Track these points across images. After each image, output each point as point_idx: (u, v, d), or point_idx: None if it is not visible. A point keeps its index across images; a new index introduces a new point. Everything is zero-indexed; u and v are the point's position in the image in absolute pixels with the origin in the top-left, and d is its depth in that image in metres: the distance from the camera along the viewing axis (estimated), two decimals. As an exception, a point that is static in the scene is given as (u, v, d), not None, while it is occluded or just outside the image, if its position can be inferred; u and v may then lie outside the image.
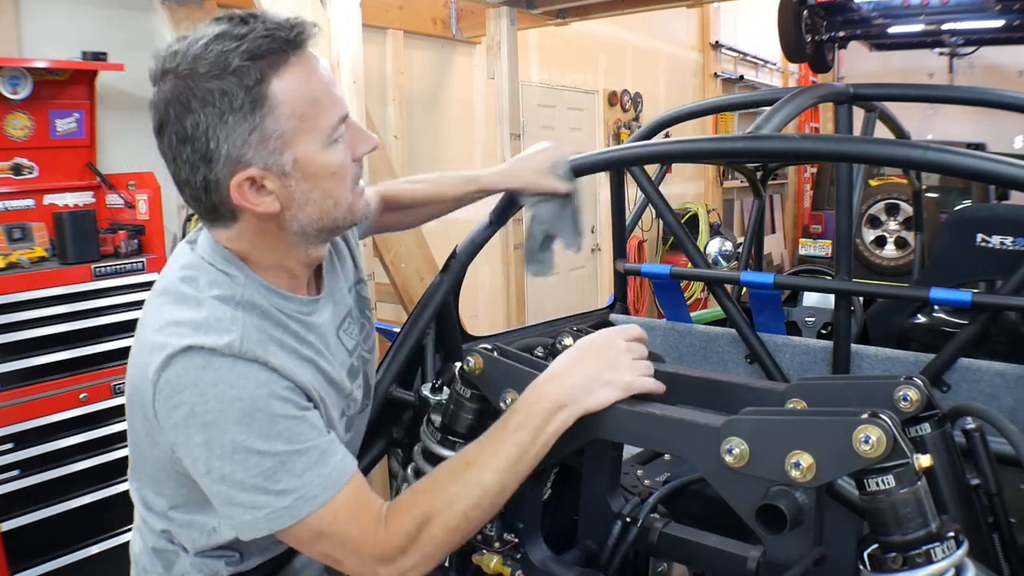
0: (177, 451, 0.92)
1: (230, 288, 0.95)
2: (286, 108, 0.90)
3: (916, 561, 0.77)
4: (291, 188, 0.93)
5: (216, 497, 0.92)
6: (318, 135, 0.93)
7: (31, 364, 2.54)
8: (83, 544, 2.66)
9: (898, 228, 6.77)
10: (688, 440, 0.90)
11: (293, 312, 1.01)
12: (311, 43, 0.94)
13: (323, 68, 0.96)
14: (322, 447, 0.93)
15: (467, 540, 0.98)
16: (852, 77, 9.72)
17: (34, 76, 2.70)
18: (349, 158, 0.98)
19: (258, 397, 0.89)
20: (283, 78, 0.89)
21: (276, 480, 0.89)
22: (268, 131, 0.89)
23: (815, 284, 2.28)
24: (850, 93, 1.74)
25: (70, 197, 2.92)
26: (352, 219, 1.02)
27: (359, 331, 1.17)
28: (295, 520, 0.90)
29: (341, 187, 0.97)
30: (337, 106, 0.95)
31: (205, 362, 0.88)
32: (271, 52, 0.88)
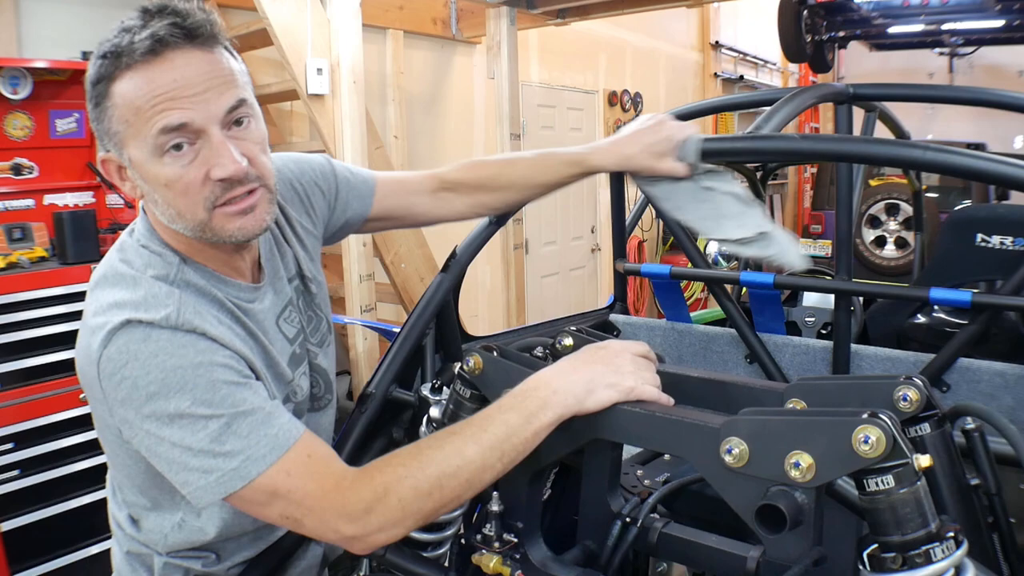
0: (129, 428, 0.93)
1: (164, 268, 0.97)
2: (117, 110, 0.92)
3: (916, 561, 0.77)
4: (139, 183, 0.96)
5: (170, 468, 0.92)
6: (142, 143, 0.91)
7: (31, 364, 2.54)
8: (83, 544, 2.66)
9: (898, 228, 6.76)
10: (688, 440, 0.90)
11: (231, 296, 1.02)
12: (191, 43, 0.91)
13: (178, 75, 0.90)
14: (268, 409, 0.93)
15: (440, 513, 0.95)
16: (852, 77, 9.73)
17: (34, 76, 2.71)
18: (199, 175, 0.92)
19: (199, 363, 0.90)
20: (125, 79, 0.90)
21: (222, 442, 0.89)
22: (106, 127, 0.94)
23: (815, 284, 2.27)
24: (850, 93, 1.74)
25: (70, 197, 2.93)
26: (217, 237, 0.97)
27: (305, 322, 1.16)
28: (245, 481, 0.89)
29: (180, 201, 0.94)
30: (159, 116, 0.89)
31: (144, 335, 0.90)
32: (124, 53, 0.89)
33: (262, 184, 0.98)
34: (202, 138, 0.92)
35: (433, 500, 0.92)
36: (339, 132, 3.21)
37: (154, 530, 1.07)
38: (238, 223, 0.97)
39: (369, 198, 1.31)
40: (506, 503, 1.06)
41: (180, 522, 1.06)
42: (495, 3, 4.18)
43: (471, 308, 5.05)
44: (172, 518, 1.06)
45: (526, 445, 0.94)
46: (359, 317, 3.35)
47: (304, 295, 1.18)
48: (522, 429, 0.93)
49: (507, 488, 1.07)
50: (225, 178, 0.93)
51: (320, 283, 1.22)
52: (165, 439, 0.90)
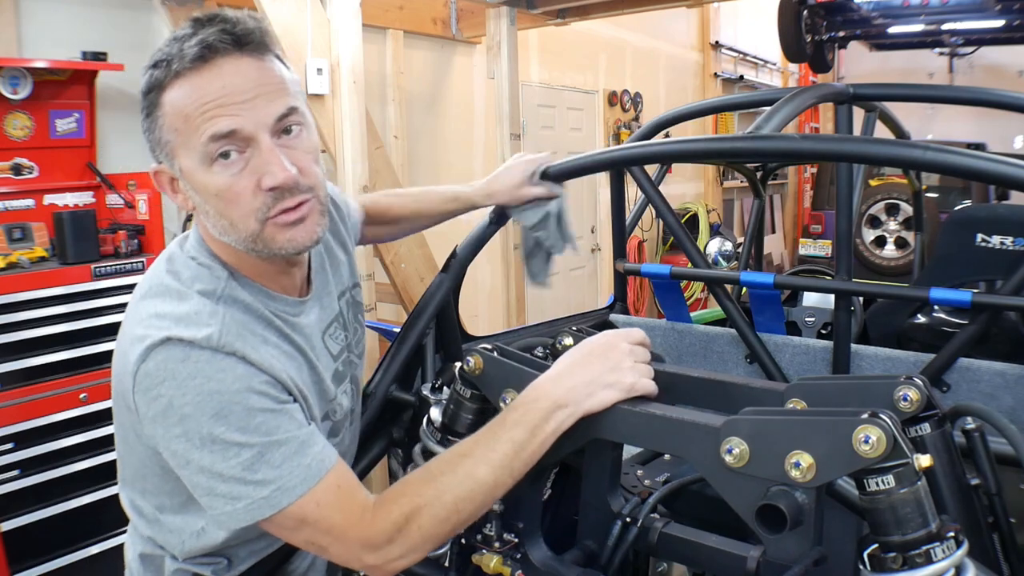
0: (158, 444, 0.93)
1: (212, 282, 0.96)
2: (167, 119, 0.91)
3: (916, 561, 0.77)
4: (190, 194, 0.96)
5: (196, 488, 0.92)
6: (192, 152, 0.91)
7: (31, 364, 2.54)
8: (83, 544, 2.66)
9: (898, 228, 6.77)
10: (688, 440, 0.90)
11: (278, 311, 1.01)
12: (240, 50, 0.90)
13: (226, 82, 0.89)
14: (301, 438, 0.93)
15: (456, 533, 0.97)
16: (852, 77, 9.73)
17: (34, 76, 2.71)
18: (249, 184, 0.91)
19: (236, 391, 0.89)
20: (175, 88, 0.90)
21: (255, 471, 0.89)
22: (157, 137, 0.93)
23: (815, 284, 2.27)
24: (850, 93, 1.74)
25: (70, 197, 2.93)
26: (268, 250, 0.95)
27: (347, 336, 1.16)
28: (274, 510, 0.90)
29: (231, 211, 0.92)
30: (208, 125, 0.88)
31: (184, 355, 0.89)
32: (174, 60, 0.89)
33: (313, 195, 0.96)
34: (252, 146, 0.91)
35: (451, 524, 0.94)
36: (339, 132, 3.21)
37: (173, 532, 1.06)
38: (288, 234, 0.95)
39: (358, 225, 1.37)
40: (506, 503, 1.06)
41: (201, 530, 1.05)
42: (495, 3, 4.18)
43: (471, 308, 5.05)
44: (195, 526, 1.04)
45: (534, 457, 0.95)
46: (359, 317, 3.35)
47: (353, 307, 1.19)
48: (529, 443, 0.94)
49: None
50: (275, 187, 0.91)
51: (362, 290, 1.26)
52: (194, 462, 0.90)
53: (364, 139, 3.27)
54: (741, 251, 2.82)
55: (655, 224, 7.07)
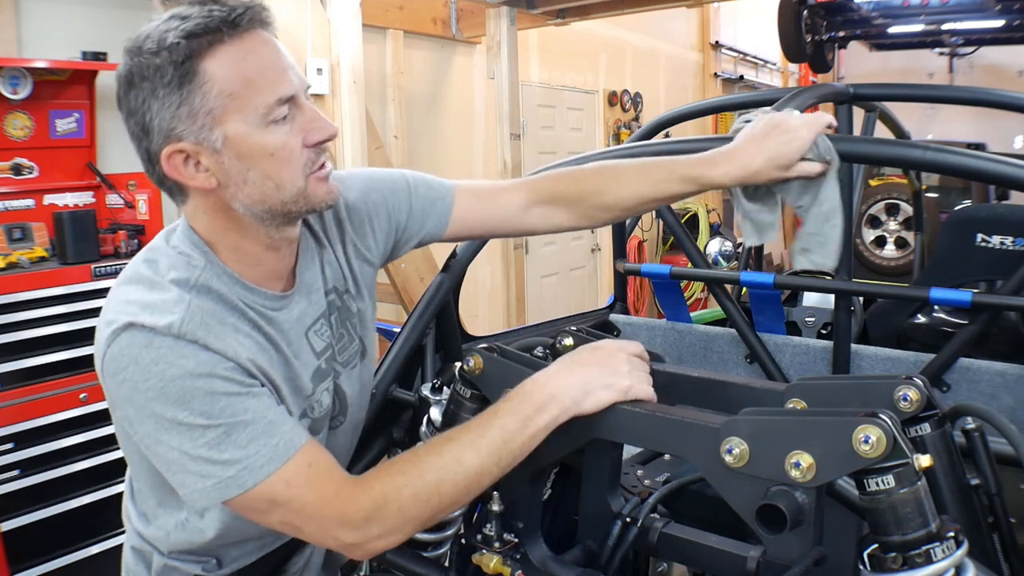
0: (130, 425, 0.93)
1: (187, 271, 0.97)
2: (215, 86, 0.91)
3: (916, 561, 0.77)
4: (225, 166, 0.94)
5: (170, 467, 0.92)
6: (251, 114, 0.92)
7: (31, 364, 2.54)
8: (83, 544, 2.66)
9: (898, 228, 6.76)
10: (688, 440, 0.90)
11: (255, 304, 1.01)
12: (259, 25, 0.94)
13: (270, 51, 0.95)
14: (269, 418, 0.92)
15: (439, 517, 0.96)
16: (852, 77, 9.72)
17: (34, 76, 2.71)
18: (298, 142, 0.95)
19: (198, 375, 0.89)
20: (215, 57, 0.91)
21: (221, 450, 0.89)
22: (196, 107, 0.91)
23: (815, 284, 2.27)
24: (850, 93, 1.74)
25: (70, 197, 2.93)
26: (309, 206, 0.99)
27: (334, 339, 1.14)
28: (242, 490, 0.90)
29: (283, 169, 0.95)
30: (276, 87, 0.93)
31: (147, 340, 0.90)
32: (207, 32, 0.90)
33: (328, 157, 1.02)
34: (296, 108, 0.96)
35: (432, 506, 0.92)
36: (339, 132, 3.21)
37: (160, 527, 1.07)
38: (326, 187, 0.99)
39: (446, 216, 1.24)
40: (506, 503, 1.06)
41: (184, 521, 1.05)
42: (495, 3, 4.18)
43: (471, 308, 5.05)
44: (177, 516, 1.06)
45: (523, 449, 0.94)
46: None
47: (340, 311, 1.15)
48: (519, 434, 0.93)
49: (507, 488, 1.07)
50: (322, 140, 0.97)
51: (363, 305, 1.18)
52: (163, 442, 0.90)
53: (364, 139, 3.27)
54: (741, 251, 2.82)
55: (655, 224, 7.07)
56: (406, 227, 1.23)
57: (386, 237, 1.22)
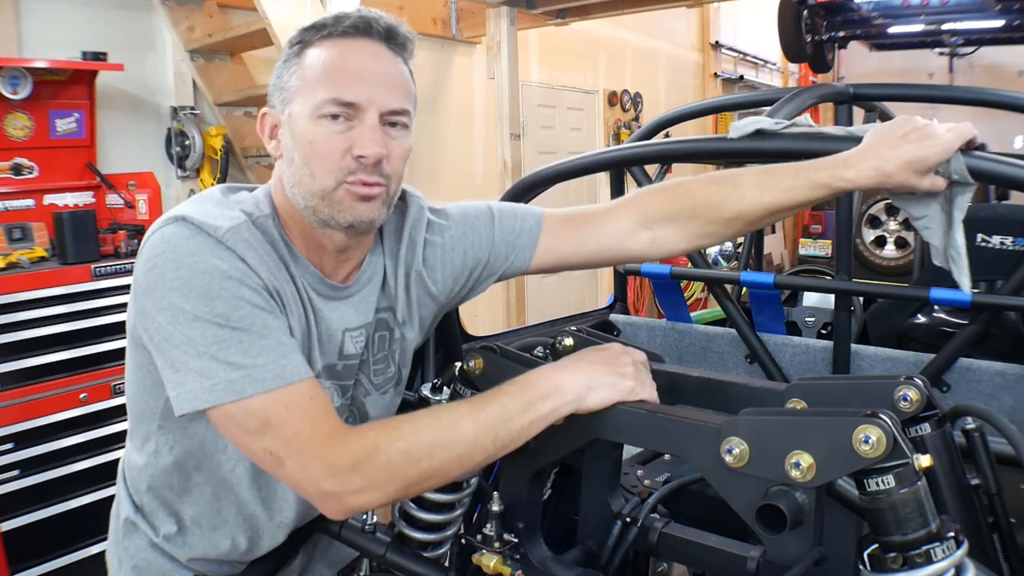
0: (143, 320, 0.94)
1: (253, 209, 1.01)
2: (300, 70, 1.00)
3: (916, 561, 0.77)
4: (285, 139, 1.02)
5: (171, 365, 0.91)
6: (309, 102, 0.98)
7: (31, 364, 2.54)
8: (83, 544, 2.66)
9: (898, 228, 6.76)
10: (688, 440, 0.90)
11: (303, 278, 1.03)
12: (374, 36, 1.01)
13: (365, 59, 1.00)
14: (285, 342, 0.93)
15: (425, 487, 0.94)
16: (852, 77, 9.72)
17: (34, 76, 2.71)
18: (342, 145, 0.97)
19: (228, 277, 0.91)
20: (318, 47, 1.00)
21: (229, 352, 0.89)
22: (284, 82, 1.02)
23: (815, 284, 2.28)
24: (850, 93, 1.74)
25: (70, 197, 2.93)
26: (332, 213, 0.99)
27: (371, 355, 1.13)
28: (238, 396, 0.89)
29: (316, 162, 0.98)
30: (341, 88, 0.97)
31: (191, 233, 0.92)
32: (324, 27, 1.00)
33: (387, 184, 1.02)
34: (359, 118, 0.98)
35: (421, 468, 0.91)
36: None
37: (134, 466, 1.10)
38: (353, 204, 0.99)
39: (532, 247, 1.20)
40: (506, 503, 1.06)
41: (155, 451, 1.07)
42: (495, 3, 4.18)
43: (471, 308, 5.04)
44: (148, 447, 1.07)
45: (521, 433, 0.94)
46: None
47: (388, 333, 1.14)
48: (519, 416, 0.93)
49: (507, 488, 1.07)
50: (363, 155, 0.98)
51: (411, 335, 1.16)
52: (174, 336, 0.90)
53: (364, 139, 3.26)
54: (741, 251, 2.82)
55: (655, 224, 7.07)
56: (487, 263, 1.20)
57: (458, 274, 1.18)
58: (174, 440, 1.05)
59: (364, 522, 1.16)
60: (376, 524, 1.16)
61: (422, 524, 1.14)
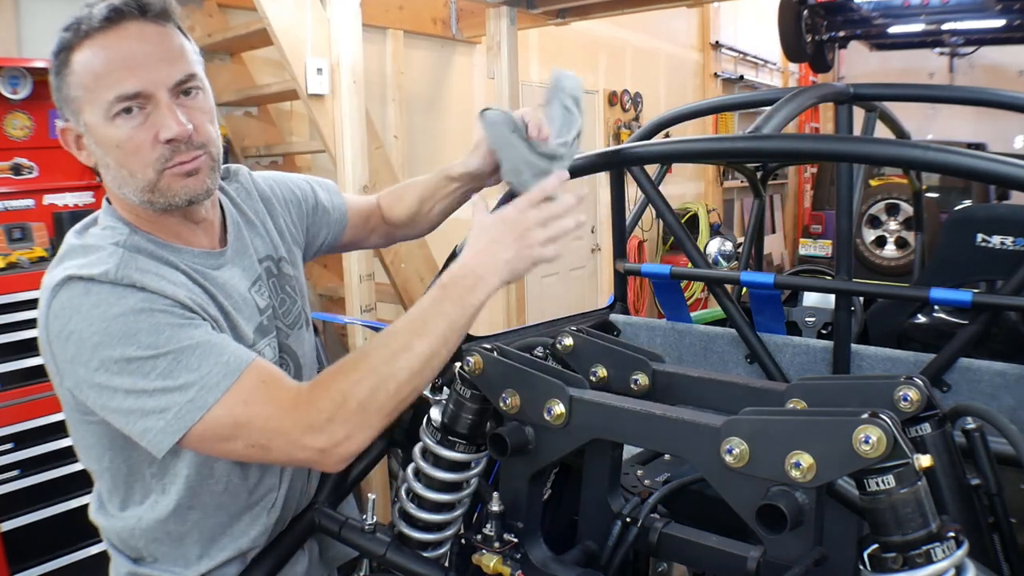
0: (80, 391, 0.95)
1: (115, 237, 1.02)
2: (75, 78, 0.98)
3: (916, 561, 0.77)
4: (92, 148, 1.02)
5: (128, 419, 0.93)
6: (98, 107, 0.97)
7: (31, 364, 2.54)
8: (83, 544, 2.65)
9: (898, 228, 6.76)
10: (688, 440, 0.90)
11: (187, 261, 1.06)
12: (136, 17, 0.98)
13: (131, 45, 0.97)
14: (214, 341, 0.95)
15: (400, 408, 0.97)
16: (852, 77, 9.72)
17: (34, 76, 2.70)
18: (148, 137, 0.98)
19: (139, 311, 0.92)
20: (83, 49, 0.97)
21: (175, 377, 0.91)
22: (65, 94, 1.00)
23: (815, 284, 2.27)
24: (850, 93, 1.74)
25: (70, 197, 2.92)
26: (166, 200, 1.02)
27: (276, 302, 1.20)
28: (202, 411, 0.91)
29: (131, 161, 0.99)
30: (119, 84, 0.96)
31: (85, 289, 0.93)
32: (81, 23, 0.97)
33: (206, 151, 1.04)
34: (152, 103, 0.98)
35: (391, 394, 0.94)
36: (339, 132, 3.21)
37: (130, 516, 1.09)
38: (182, 183, 1.02)
39: (342, 227, 1.40)
40: (506, 503, 1.06)
41: (154, 503, 1.07)
42: (495, 3, 4.17)
43: (471, 308, 5.04)
44: (146, 501, 1.08)
45: (466, 327, 1.00)
46: (359, 317, 3.35)
47: (277, 277, 1.21)
48: (461, 317, 0.99)
49: (507, 488, 1.07)
50: (171, 139, 0.99)
51: (298, 273, 1.27)
52: (119, 389, 0.92)
53: (364, 139, 3.26)
54: (741, 251, 2.82)
55: (655, 224, 7.07)
56: (312, 224, 1.34)
57: (301, 223, 1.32)
58: (168, 482, 1.07)
59: (364, 522, 1.16)
60: (376, 524, 1.16)
61: (422, 524, 1.14)
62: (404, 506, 1.15)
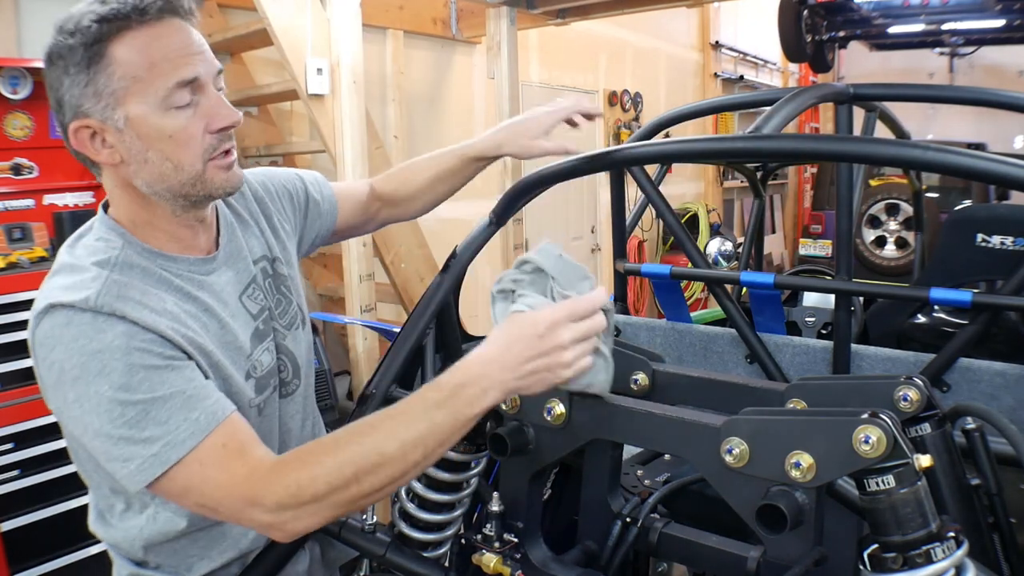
0: (60, 417, 0.96)
1: (106, 252, 1.00)
2: (119, 68, 0.95)
3: (916, 561, 0.77)
4: (127, 144, 0.98)
5: (101, 456, 0.94)
6: (151, 97, 0.96)
7: (31, 364, 2.53)
8: (83, 544, 2.65)
9: (898, 228, 6.77)
10: (688, 440, 0.90)
11: (181, 272, 1.05)
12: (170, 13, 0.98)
13: (179, 37, 0.98)
14: (188, 392, 0.93)
15: (360, 503, 0.92)
16: (852, 77, 9.72)
17: (34, 76, 2.70)
18: (200, 127, 0.99)
19: (115, 347, 0.91)
20: (124, 41, 0.95)
21: (141, 428, 0.90)
22: (100, 87, 0.95)
23: (815, 284, 2.27)
24: (850, 93, 1.74)
25: (70, 197, 2.92)
26: (207, 191, 1.02)
27: (272, 304, 1.18)
28: (165, 467, 0.90)
29: (181, 152, 0.98)
30: (177, 71, 0.96)
31: (67, 319, 0.92)
32: (118, 17, 0.94)
33: (234, 144, 1.06)
34: (200, 94, 0.99)
35: (350, 492, 0.90)
36: (339, 132, 3.21)
37: (131, 527, 1.08)
38: (225, 175, 1.03)
39: (333, 217, 1.39)
40: (506, 503, 1.06)
41: (154, 515, 1.07)
42: (495, 3, 4.18)
43: (471, 308, 5.04)
44: (146, 511, 1.07)
45: (451, 438, 0.91)
46: (359, 317, 3.35)
47: (272, 277, 1.21)
48: (448, 426, 0.89)
49: (507, 488, 1.07)
50: (224, 127, 1.00)
51: (293, 272, 1.26)
52: (90, 427, 0.91)
53: (364, 139, 3.27)
54: (741, 251, 2.82)
55: (655, 224, 7.07)
56: (305, 217, 1.33)
57: (295, 220, 1.31)
58: None
59: (364, 522, 1.16)
60: (376, 524, 1.16)
61: (422, 524, 1.14)
62: (404, 506, 1.15)
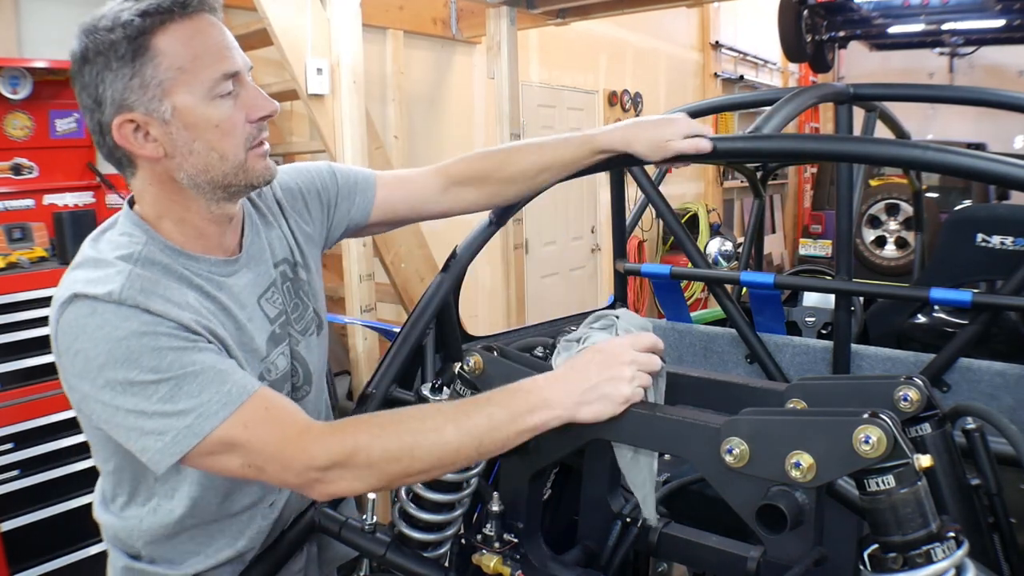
0: (85, 403, 0.96)
1: (129, 248, 1.01)
2: (165, 60, 0.96)
3: (916, 561, 0.77)
4: (172, 136, 0.99)
5: (128, 436, 0.94)
6: (198, 88, 0.98)
7: (31, 364, 2.54)
8: (83, 544, 2.65)
9: (898, 228, 6.77)
10: (688, 440, 0.90)
11: (201, 271, 1.05)
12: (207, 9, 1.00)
13: (216, 31, 1.00)
14: (219, 367, 0.95)
15: (404, 482, 0.95)
16: (852, 77, 9.72)
17: (34, 76, 2.70)
18: (241, 116, 1.01)
19: (142, 334, 0.92)
20: (167, 33, 0.96)
21: (175, 402, 0.92)
22: (147, 79, 0.96)
23: (815, 284, 2.28)
24: (850, 93, 1.74)
25: (70, 197, 2.92)
26: (248, 180, 1.04)
27: (289, 308, 1.18)
28: (198, 438, 0.92)
29: (226, 142, 1.00)
30: (222, 63, 0.98)
31: (91, 309, 0.93)
32: (159, 11, 0.96)
33: (268, 135, 1.07)
34: (240, 85, 1.01)
35: (401, 466, 0.93)
36: (339, 132, 3.21)
37: (132, 516, 1.10)
38: (263, 164, 1.05)
39: (370, 202, 1.33)
40: (506, 503, 1.06)
41: (155, 507, 1.08)
42: (495, 3, 4.17)
43: (471, 308, 5.05)
44: (149, 503, 1.09)
45: (507, 442, 0.93)
46: (359, 317, 3.35)
47: (291, 281, 1.20)
48: (505, 427, 0.92)
49: (507, 488, 1.07)
50: (265, 116, 1.03)
51: (312, 278, 1.24)
52: (120, 407, 0.93)
53: (364, 139, 3.27)
54: (741, 251, 2.82)
55: (655, 224, 7.07)
56: (335, 212, 1.30)
57: (322, 217, 1.29)
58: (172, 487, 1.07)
59: (364, 522, 1.16)
60: (376, 524, 1.16)
61: (422, 524, 1.14)
62: (404, 506, 1.15)
